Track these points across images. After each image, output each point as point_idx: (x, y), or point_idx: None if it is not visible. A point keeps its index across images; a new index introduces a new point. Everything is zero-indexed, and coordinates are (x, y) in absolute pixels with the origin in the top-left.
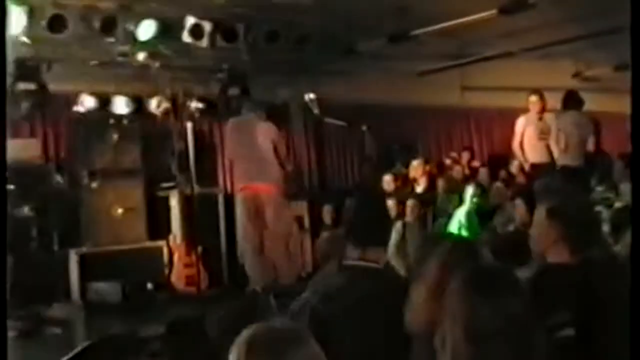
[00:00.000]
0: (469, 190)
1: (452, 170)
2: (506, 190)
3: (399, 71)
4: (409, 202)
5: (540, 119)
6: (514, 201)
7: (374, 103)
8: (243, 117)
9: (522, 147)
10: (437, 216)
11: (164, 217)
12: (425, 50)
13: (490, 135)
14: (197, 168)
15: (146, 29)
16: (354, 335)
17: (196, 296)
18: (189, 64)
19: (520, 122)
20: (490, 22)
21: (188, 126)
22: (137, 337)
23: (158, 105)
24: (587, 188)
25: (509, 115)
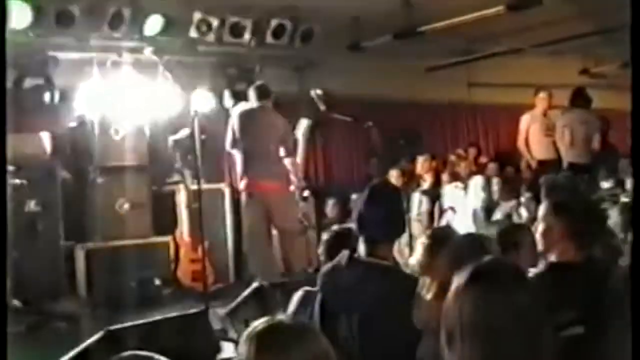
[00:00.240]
0: (475, 186)
1: (459, 166)
2: (508, 185)
3: (406, 67)
4: (415, 198)
5: (545, 116)
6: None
7: (381, 99)
8: (250, 106)
9: (528, 144)
10: (443, 212)
11: (170, 213)
12: (432, 46)
13: (497, 131)
14: (203, 163)
15: (153, 25)
16: (362, 331)
17: (202, 291)
18: (196, 60)
19: (524, 119)
20: (497, 19)
21: (195, 121)
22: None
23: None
24: (594, 184)
25: (516, 111)
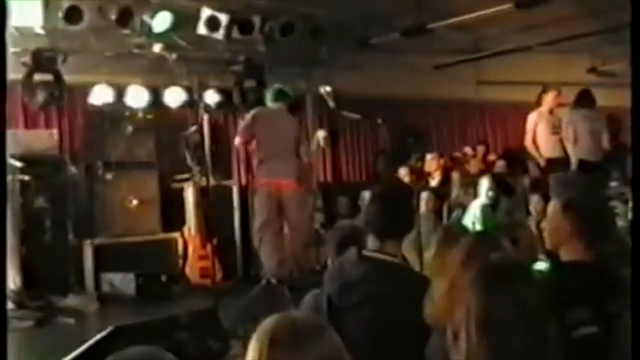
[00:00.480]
0: (484, 183)
1: (468, 163)
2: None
3: (415, 65)
4: (424, 196)
5: (551, 114)
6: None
7: (389, 96)
8: (268, 109)
9: (536, 143)
10: (452, 210)
11: (179, 209)
12: (441, 44)
13: (505, 129)
14: (212, 160)
15: (162, 21)
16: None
17: (210, 288)
18: (205, 56)
19: (531, 118)
20: (506, 16)
21: (204, 118)
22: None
23: (173, 97)
24: (603, 183)
25: (524, 109)
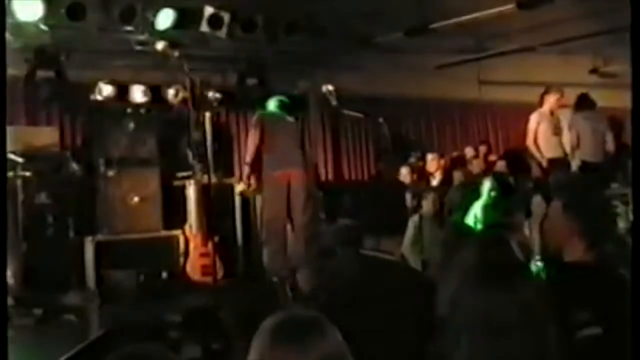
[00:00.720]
0: (487, 184)
1: (471, 163)
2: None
3: (417, 64)
4: (425, 196)
5: (552, 114)
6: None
7: (392, 95)
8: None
9: (537, 143)
10: (453, 210)
11: (180, 207)
12: (443, 43)
13: (507, 129)
14: (214, 158)
15: (165, 18)
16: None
17: (211, 286)
18: (207, 54)
19: (533, 119)
20: (508, 17)
21: (206, 116)
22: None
23: (176, 94)
24: (605, 184)
25: (527, 109)
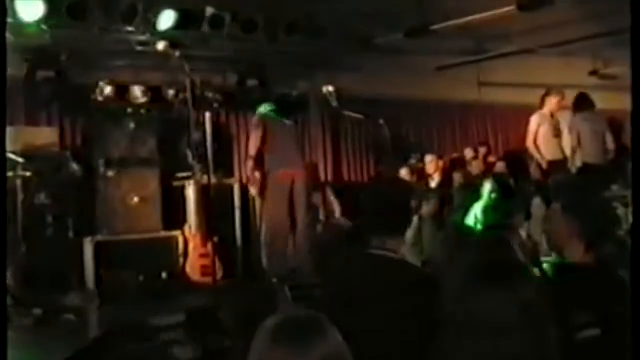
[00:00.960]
0: (487, 185)
1: (470, 165)
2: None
3: (417, 65)
4: (425, 197)
5: (552, 116)
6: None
7: (392, 97)
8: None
9: (537, 145)
10: (453, 211)
11: (180, 207)
12: (443, 45)
13: (506, 131)
14: (214, 158)
15: (166, 19)
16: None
17: (211, 286)
18: (208, 54)
19: (533, 120)
20: (508, 18)
21: (206, 116)
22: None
23: (176, 94)
24: (604, 185)
25: (526, 111)
